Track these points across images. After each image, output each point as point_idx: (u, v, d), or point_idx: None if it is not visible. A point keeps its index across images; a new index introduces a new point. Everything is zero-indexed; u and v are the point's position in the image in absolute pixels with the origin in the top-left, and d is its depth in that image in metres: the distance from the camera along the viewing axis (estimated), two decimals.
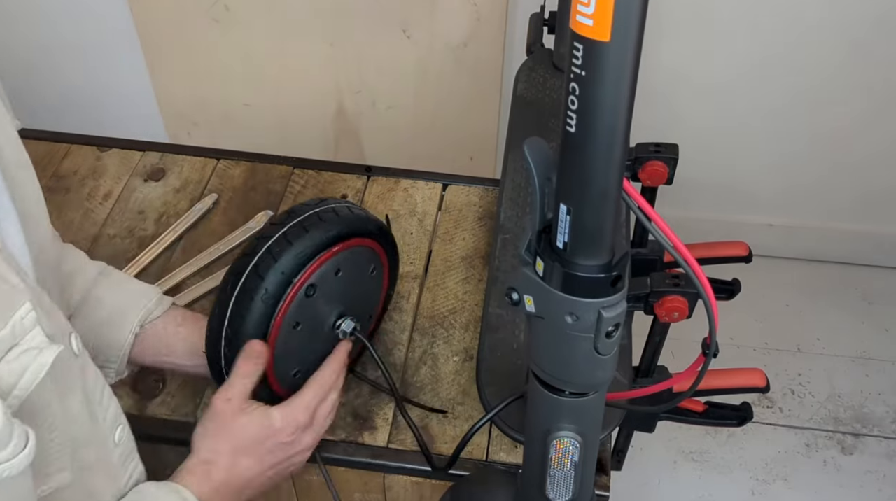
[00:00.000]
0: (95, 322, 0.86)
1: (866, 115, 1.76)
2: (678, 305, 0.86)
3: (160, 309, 0.90)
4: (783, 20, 1.63)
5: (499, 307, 0.98)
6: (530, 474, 0.70)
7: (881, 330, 1.92)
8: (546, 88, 1.20)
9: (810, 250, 2.03)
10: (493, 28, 1.59)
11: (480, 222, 1.17)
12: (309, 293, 0.83)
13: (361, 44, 1.64)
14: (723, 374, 1.00)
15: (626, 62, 0.46)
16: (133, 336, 0.87)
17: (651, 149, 0.98)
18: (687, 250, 0.57)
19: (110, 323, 0.87)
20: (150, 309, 0.89)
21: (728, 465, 1.71)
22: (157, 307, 0.89)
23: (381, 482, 0.95)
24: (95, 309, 0.87)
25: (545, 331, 0.58)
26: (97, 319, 0.87)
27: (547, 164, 0.55)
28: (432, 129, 1.76)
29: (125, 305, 0.88)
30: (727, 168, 1.89)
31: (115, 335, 0.87)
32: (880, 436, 1.75)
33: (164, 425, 0.96)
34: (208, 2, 1.63)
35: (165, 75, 1.78)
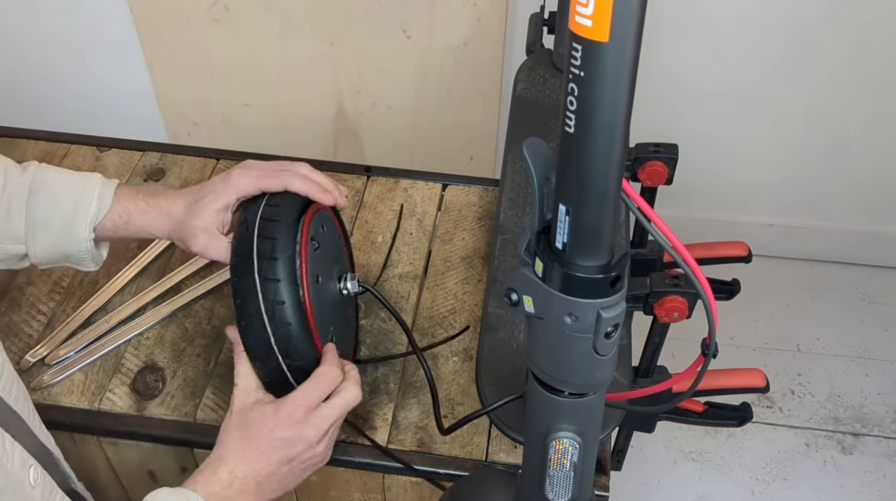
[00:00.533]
0: (50, 241, 0.86)
1: (867, 115, 1.76)
2: (678, 305, 0.86)
3: (108, 201, 0.87)
4: (783, 20, 1.63)
5: (498, 307, 0.98)
6: (530, 474, 0.70)
7: (881, 330, 1.92)
8: (546, 88, 1.20)
9: (810, 250, 2.03)
10: (493, 28, 1.59)
11: (480, 222, 1.17)
12: (314, 246, 0.85)
13: (361, 44, 1.64)
14: (722, 374, 1.00)
15: (625, 62, 0.46)
16: (90, 241, 0.87)
17: (650, 149, 0.98)
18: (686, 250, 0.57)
19: (64, 239, 0.86)
20: (96, 210, 0.87)
21: (728, 465, 1.71)
22: (101, 201, 0.87)
23: (380, 482, 0.95)
24: (43, 231, 0.86)
25: (544, 332, 0.58)
26: (50, 240, 0.86)
27: (546, 165, 0.55)
28: (432, 129, 1.76)
29: (69, 216, 0.86)
30: (727, 168, 1.89)
31: (73, 246, 0.87)
32: (880, 436, 1.74)
33: (163, 425, 0.96)
34: (208, 2, 1.63)
35: (165, 75, 1.78)
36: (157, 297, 1.07)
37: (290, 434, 0.79)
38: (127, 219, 0.88)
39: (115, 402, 0.97)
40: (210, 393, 0.98)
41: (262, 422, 0.79)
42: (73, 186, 0.87)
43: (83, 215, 0.86)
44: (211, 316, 1.06)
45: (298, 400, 0.80)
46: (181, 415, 0.96)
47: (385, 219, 1.17)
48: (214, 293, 1.08)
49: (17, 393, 0.75)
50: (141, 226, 0.89)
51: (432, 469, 0.92)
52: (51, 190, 0.86)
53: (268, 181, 0.86)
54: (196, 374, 1.00)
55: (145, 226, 0.89)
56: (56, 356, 1.01)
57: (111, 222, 0.88)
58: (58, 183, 0.87)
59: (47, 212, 0.86)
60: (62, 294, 1.08)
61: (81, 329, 1.04)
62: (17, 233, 0.86)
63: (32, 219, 0.85)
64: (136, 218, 0.88)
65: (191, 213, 0.87)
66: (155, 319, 1.05)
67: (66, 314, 1.06)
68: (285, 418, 0.79)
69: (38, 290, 1.09)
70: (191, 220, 0.86)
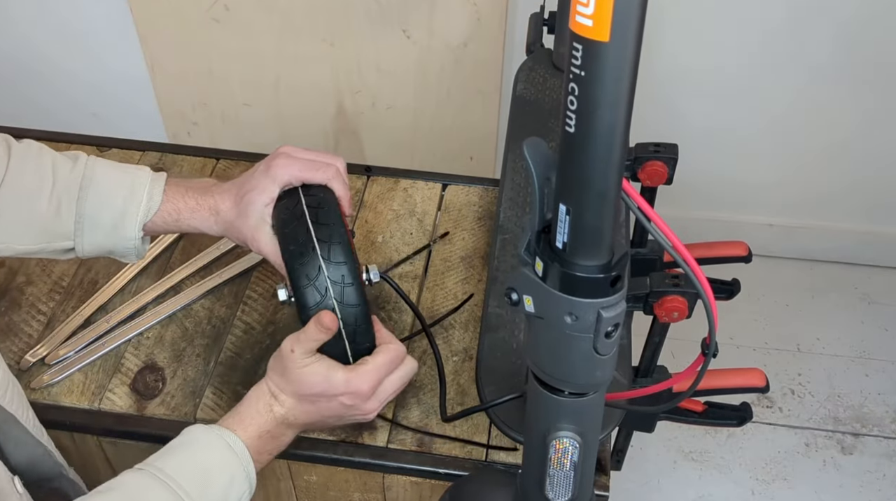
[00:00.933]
0: (98, 239, 0.87)
1: (867, 115, 1.76)
2: (678, 305, 0.86)
3: (157, 199, 0.87)
4: (784, 21, 1.63)
5: (498, 307, 0.98)
6: (530, 474, 0.70)
7: (881, 329, 1.92)
8: (546, 88, 1.20)
9: (810, 250, 2.03)
10: (492, 28, 1.59)
11: (480, 222, 1.17)
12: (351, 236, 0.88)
13: (361, 44, 1.64)
14: (722, 374, 1.00)
15: (626, 62, 0.46)
16: (139, 239, 0.88)
17: (651, 149, 0.98)
18: (686, 250, 0.57)
19: (113, 236, 0.87)
20: (146, 209, 0.87)
21: (728, 465, 1.71)
22: (151, 200, 0.87)
23: (380, 482, 0.95)
24: (92, 229, 0.86)
25: (544, 331, 0.58)
26: (98, 237, 0.87)
27: (546, 164, 0.55)
28: (432, 129, 1.76)
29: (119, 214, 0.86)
30: (727, 168, 1.89)
31: (121, 243, 0.87)
32: (880, 436, 1.75)
33: (163, 425, 0.96)
34: (208, 2, 1.63)
35: (165, 75, 1.78)
36: (157, 297, 1.07)
37: (353, 403, 0.81)
38: (177, 218, 0.88)
39: (115, 402, 0.97)
40: (210, 393, 0.98)
41: (332, 386, 0.81)
42: (123, 183, 0.87)
43: (133, 213, 0.86)
44: (211, 316, 1.06)
45: (371, 376, 0.82)
46: (181, 415, 0.96)
47: (385, 218, 1.17)
48: (214, 293, 1.08)
49: (11, 394, 0.75)
50: (191, 225, 0.89)
51: (432, 469, 0.92)
52: (101, 186, 0.86)
53: (312, 174, 0.87)
54: (196, 374, 1.00)
55: (195, 224, 0.89)
56: (56, 356, 1.01)
57: (161, 219, 0.88)
58: (107, 179, 0.87)
59: (97, 209, 0.86)
60: (62, 294, 1.08)
61: (81, 329, 1.04)
62: (67, 231, 0.86)
63: (82, 216, 0.85)
64: (186, 216, 0.89)
65: (239, 213, 0.87)
66: (155, 319, 1.05)
67: (66, 314, 1.06)
68: (355, 391, 0.81)
69: (38, 290, 1.09)
70: (240, 221, 0.87)
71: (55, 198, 0.85)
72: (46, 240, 0.86)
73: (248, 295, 1.08)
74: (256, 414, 0.80)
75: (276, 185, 0.86)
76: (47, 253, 0.88)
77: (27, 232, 0.85)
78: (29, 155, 0.86)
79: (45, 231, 0.85)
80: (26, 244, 0.86)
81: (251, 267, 1.10)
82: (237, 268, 1.10)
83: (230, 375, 1.00)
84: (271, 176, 0.86)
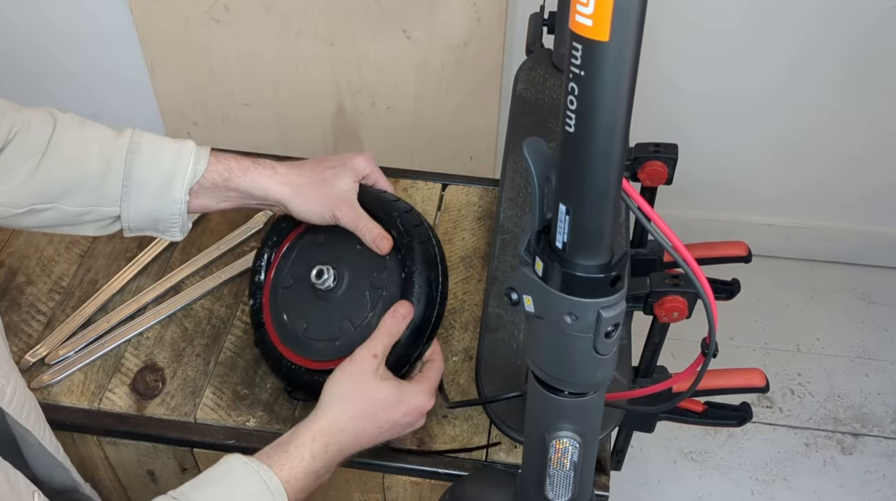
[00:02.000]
0: (145, 204, 0.87)
1: (866, 115, 1.76)
2: (678, 305, 0.86)
3: (203, 163, 0.88)
4: (783, 20, 1.63)
5: (498, 307, 0.98)
6: (529, 474, 0.70)
7: (881, 330, 1.92)
8: (545, 88, 1.20)
9: (810, 250, 2.03)
10: (492, 28, 1.59)
11: (480, 222, 1.17)
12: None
13: (361, 44, 1.64)
14: (722, 374, 1.00)
15: (626, 62, 0.46)
16: (185, 204, 0.88)
17: (650, 149, 0.98)
18: (686, 250, 0.57)
19: (159, 200, 0.87)
20: (192, 172, 0.87)
21: (728, 465, 1.71)
22: (197, 163, 0.87)
23: (380, 482, 0.95)
24: (138, 193, 0.86)
25: (544, 331, 0.58)
26: (145, 202, 0.87)
27: (546, 164, 0.55)
28: (432, 129, 1.76)
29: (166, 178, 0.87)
30: (727, 168, 1.89)
31: (166, 208, 0.87)
32: (880, 436, 1.75)
33: (162, 425, 0.96)
34: (208, 2, 1.63)
35: (165, 75, 1.78)
36: (157, 297, 1.07)
37: (414, 420, 0.85)
38: (227, 177, 0.88)
39: (114, 402, 0.97)
40: (210, 393, 0.98)
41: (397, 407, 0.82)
42: (170, 149, 0.88)
43: (180, 176, 0.86)
44: (211, 316, 1.06)
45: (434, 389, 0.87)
46: (181, 415, 0.96)
47: None
48: (214, 293, 1.08)
49: (28, 411, 0.75)
50: (241, 184, 0.89)
51: (432, 469, 0.92)
52: (147, 151, 0.87)
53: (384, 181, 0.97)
54: (196, 374, 1.00)
55: (247, 182, 0.89)
56: (56, 355, 1.01)
57: (210, 181, 0.88)
58: (154, 145, 0.88)
59: (144, 173, 0.86)
60: (62, 294, 1.08)
61: (81, 329, 1.04)
62: (114, 195, 0.86)
63: (129, 179, 0.86)
64: (238, 176, 0.89)
65: (318, 180, 0.90)
66: (155, 319, 1.05)
67: (66, 314, 1.06)
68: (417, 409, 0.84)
69: (37, 290, 1.09)
70: (320, 187, 0.90)
71: (104, 159, 0.85)
72: (94, 201, 0.86)
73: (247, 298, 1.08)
74: (310, 456, 0.77)
75: (356, 174, 0.93)
76: (93, 222, 0.88)
77: (76, 192, 0.85)
78: (74, 122, 0.88)
79: (93, 191, 0.86)
80: (74, 205, 0.86)
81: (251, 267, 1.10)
82: (237, 268, 1.10)
83: (230, 375, 1.00)
84: (351, 166, 0.92)
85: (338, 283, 0.91)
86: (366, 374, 0.82)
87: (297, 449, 0.77)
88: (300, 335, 0.93)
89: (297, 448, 0.77)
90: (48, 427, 0.80)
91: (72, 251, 1.14)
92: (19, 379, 0.76)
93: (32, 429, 0.75)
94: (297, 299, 0.95)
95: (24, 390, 0.76)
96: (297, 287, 0.95)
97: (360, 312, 0.90)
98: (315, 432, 0.79)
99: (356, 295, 0.91)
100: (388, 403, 0.82)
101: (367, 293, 0.91)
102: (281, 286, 0.97)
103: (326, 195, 0.90)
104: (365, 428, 0.81)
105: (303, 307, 0.94)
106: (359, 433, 0.81)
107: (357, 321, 0.90)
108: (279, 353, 0.93)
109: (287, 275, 0.97)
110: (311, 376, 0.90)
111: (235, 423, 0.95)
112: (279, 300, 0.96)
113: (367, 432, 0.81)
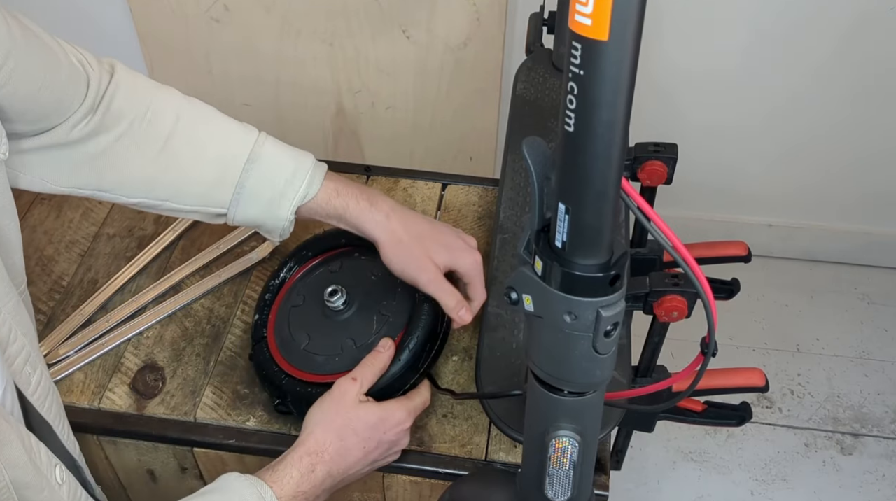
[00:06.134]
0: (252, 212, 0.89)
1: (866, 115, 1.77)
2: (677, 305, 0.86)
3: (316, 186, 0.89)
4: (783, 20, 1.63)
5: (498, 306, 0.98)
6: (529, 473, 0.70)
7: (880, 330, 1.92)
8: (545, 88, 1.20)
9: (810, 250, 2.03)
10: (492, 28, 1.59)
11: (480, 222, 1.17)
12: None
13: (361, 44, 1.64)
14: (722, 374, 1.00)
15: (625, 61, 0.46)
16: (290, 221, 0.89)
17: (650, 148, 0.98)
18: (686, 250, 0.57)
19: (266, 212, 0.89)
20: (303, 194, 0.88)
21: (727, 465, 1.71)
22: (310, 187, 0.89)
23: (380, 481, 0.95)
24: (248, 202, 0.88)
25: (544, 330, 0.58)
26: (252, 211, 0.88)
27: (546, 164, 0.55)
28: (432, 129, 1.76)
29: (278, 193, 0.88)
30: (727, 168, 1.89)
31: (271, 221, 0.89)
32: (879, 436, 1.75)
33: (162, 424, 0.96)
34: (208, 2, 1.63)
35: (165, 75, 1.78)
36: (156, 297, 1.07)
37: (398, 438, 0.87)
38: (342, 214, 0.90)
39: (114, 401, 0.98)
40: (209, 393, 0.98)
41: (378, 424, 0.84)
42: (288, 166, 0.89)
43: (290, 195, 0.88)
44: (211, 315, 1.06)
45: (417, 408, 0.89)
46: (181, 415, 0.96)
47: None
48: (214, 292, 1.09)
49: (50, 403, 0.75)
50: (350, 223, 0.91)
51: (432, 469, 0.92)
52: (266, 164, 0.88)
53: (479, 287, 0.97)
54: (196, 374, 1.00)
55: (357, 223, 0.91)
56: (56, 355, 1.01)
57: (324, 211, 0.90)
58: (273, 158, 0.89)
59: (258, 185, 0.87)
60: (62, 293, 1.08)
61: (81, 328, 1.04)
62: (224, 199, 0.87)
63: (243, 187, 0.87)
64: (353, 215, 0.90)
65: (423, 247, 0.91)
66: (155, 319, 1.05)
67: (66, 313, 1.06)
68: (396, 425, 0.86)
69: (38, 290, 1.09)
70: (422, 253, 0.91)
71: (221, 165, 0.87)
72: (204, 203, 0.88)
73: (248, 294, 1.08)
74: (299, 475, 0.79)
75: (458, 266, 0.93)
76: (198, 215, 0.90)
77: (189, 193, 0.87)
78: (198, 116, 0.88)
79: (203, 195, 0.87)
80: (185, 204, 0.87)
81: (251, 266, 1.11)
82: (237, 268, 1.10)
83: (230, 375, 1.00)
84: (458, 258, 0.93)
85: (347, 305, 0.94)
86: (346, 397, 0.84)
87: (286, 469, 0.79)
88: (301, 348, 0.94)
89: (286, 468, 0.79)
90: (67, 424, 0.80)
91: (72, 251, 1.14)
92: (45, 369, 0.76)
93: (53, 422, 0.75)
94: (304, 317, 0.97)
95: (49, 381, 0.76)
96: (306, 306, 0.98)
97: (365, 334, 0.93)
98: (301, 453, 0.81)
99: (363, 319, 0.94)
100: (369, 422, 0.84)
101: (375, 318, 0.94)
102: (291, 304, 0.99)
103: (418, 258, 0.91)
104: (348, 448, 0.82)
105: (309, 324, 0.96)
106: (343, 453, 0.82)
107: (360, 341, 0.92)
108: (276, 365, 0.94)
109: (298, 295, 0.99)
110: (304, 388, 0.91)
111: (235, 423, 0.95)
112: (287, 316, 0.98)
113: (352, 452, 0.82)
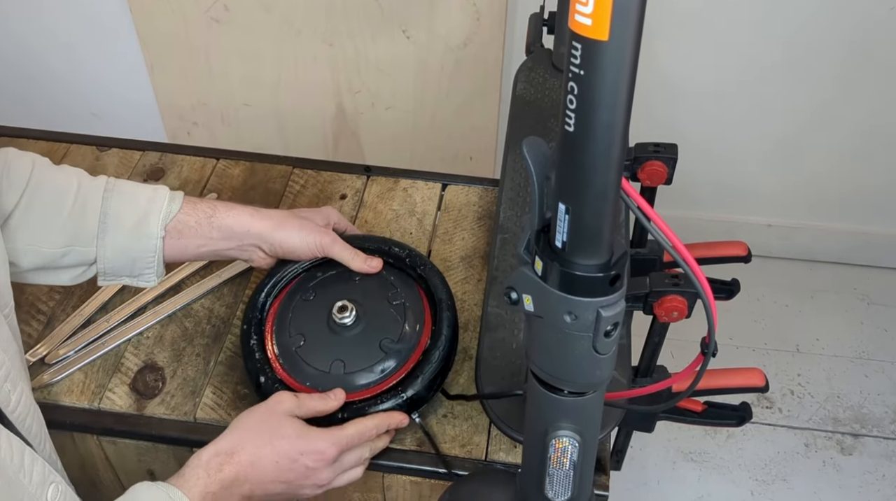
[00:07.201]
0: (120, 241, 0.88)
1: (867, 116, 1.77)
2: (677, 305, 0.86)
3: (178, 202, 0.90)
4: (783, 20, 1.63)
5: (498, 306, 0.98)
6: (529, 473, 0.70)
7: (880, 330, 1.92)
8: (545, 88, 1.20)
9: (810, 250, 2.03)
10: (492, 28, 1.59)
11: (480, 222, 1.17)
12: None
13: (361, 44, 1.64)
14: (722, 374, 1.00)
15: (625, 61, 0.46)
16: (160, 239, 0.89)
17: (650, 148, 0.98)
18: (686, 250, 0.57)
19: (135, 236, 0.88)
20: (168, 209, 0.89)
21: (727, 465, 1.71)
22: (172, 202, 0.90)
23: (380, 481, 0.95)
24: (115, 228, 0.88)
25: (544, 330, 0.58)
26: (120, 239, 0.88)
27: (545, 164, 0.55)
28: (432, 129, 1.76)
29: (141, 214, 0.89)
30: (727, 168, 1.89)
31: (142, 244, 0.89)
32: (879, 437, 1.75)
33: (162, 424, 0.96)
34: (208, 2, 1.63)
35: (165, 75, 1.78)
36: (157, 297, 1.07)
37: (316, 466, 0.82)
38: (211, 214, 0.91)
39: (114, 401, 0.97)
40: (209, 393, 0.98)
41: (297, 441, 0.81)
42: (146, 189, 0.91)
43: (155, 211, 0.89)
44: (211, 315, 1.06)
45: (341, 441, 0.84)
46: (181, 415, 0.96)
47: (385, 218, 1.17)
48: (214, 292, 1.09)
49: (30, 422, 0.75)
50: (224, 223, 0.91)
51: (432, 469, 0.92)
52: (124, 190, 0.90)
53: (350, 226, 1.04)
54: (196, 374, 1.00)
55: (230, 222, 0.92)
56: (56, 355, 1.01)
57: (194, 220, 0.90)
58: (129, 187, 0.91)
59: (121, 208, 0.88)
60: (62, 293, 1.08)
61: (81, 328, 1.04)
62: (90, 232, 0.87)
63: (106, 215, 0.87)
64: (222, 213, 0.92)
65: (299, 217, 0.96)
66: (155, 319, 1.05)
67: (66, 313, 1.06)
68: (317, 452, 0.82)
69: (37, 290, 1.08)
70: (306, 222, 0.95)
71: (81, 198, 0.87)
72: (71, 240, 0.87)
73: (248, 294, 1.08)
74: (206, 475, 0.78)
75: (326, 218, 1.00)
76: (70, 266, 0.88)
77: (53, 231, 0.86)
78: (51, 167, 0.90)
79: (70, 230, 0.87)
80: (52, 245, 0.86)
81: (251, 267, 1.10)
82: (237, 268, 1.10)
83: (230, 375, 1.00)
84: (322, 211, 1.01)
85: (353, 325, 0.93)
86: (279, 407, 0.83)
87: (193, 470, 0.78)
88: (293, 348, 0.93)
89: (193, 470, 0.78)
90: (49, 441, 0.79)
91: None
92: (27, 386, 0.76)
93: (33, 441, 0.75)
94: (310, 315, 0.95)
95: (30, 399, 0.76)
96: (316, 303, 0.96)
97: (358, 361, 0.91)
98: (211, 454, 0.79)
99: (363, 345, 0.92)
100: (287, 435, 0.81)
101: (374, 349, 0.92)
102: (301, 296, 0.97)
103: (309, 226, 0.95)
104: (261, 457, 0.80)
105: (310, 326, 0.94)
106: (255, 461, 0.80)
107: (350, 367, 0.91)
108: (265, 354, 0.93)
109: (313, 289, 0.97)
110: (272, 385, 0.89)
111: None
112: (292, 305, 0.96)
113: (264, 463, 0.80)
